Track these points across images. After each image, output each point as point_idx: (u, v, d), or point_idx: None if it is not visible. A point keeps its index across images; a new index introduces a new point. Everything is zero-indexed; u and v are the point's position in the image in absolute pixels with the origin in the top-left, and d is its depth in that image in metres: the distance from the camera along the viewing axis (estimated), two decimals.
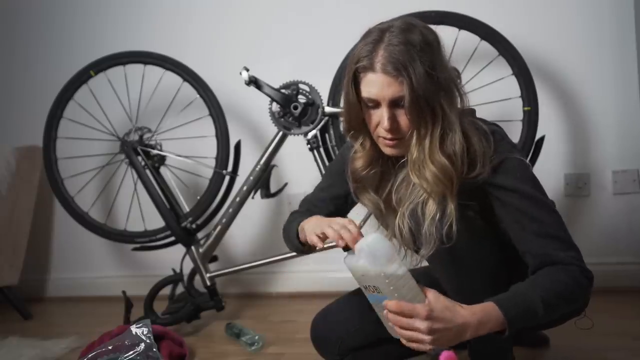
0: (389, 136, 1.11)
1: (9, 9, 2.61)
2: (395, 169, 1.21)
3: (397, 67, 1.05)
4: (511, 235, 1.12)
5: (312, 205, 1.37)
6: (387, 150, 1.15)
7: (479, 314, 1.00)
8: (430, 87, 1.06)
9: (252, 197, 2.02)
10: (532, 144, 1.76)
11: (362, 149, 1.20)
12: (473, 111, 1.21)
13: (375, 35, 1.09)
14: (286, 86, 1.93)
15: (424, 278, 1.28)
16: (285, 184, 2.07)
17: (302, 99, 1.91)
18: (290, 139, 1.98)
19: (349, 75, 1.12)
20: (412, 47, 1.06)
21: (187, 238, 2.04)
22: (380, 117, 1.11)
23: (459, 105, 1.12)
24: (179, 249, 2.06)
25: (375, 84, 1.08)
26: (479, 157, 1.10)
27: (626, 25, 1.91)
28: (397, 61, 1.05)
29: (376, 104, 1.10)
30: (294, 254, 2.04)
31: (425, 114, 1.07)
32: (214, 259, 2.11)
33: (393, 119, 1.09)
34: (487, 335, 1.20)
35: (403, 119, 1.10)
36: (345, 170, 1.27)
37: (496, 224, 1.15)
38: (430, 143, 1.09)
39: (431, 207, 1.11)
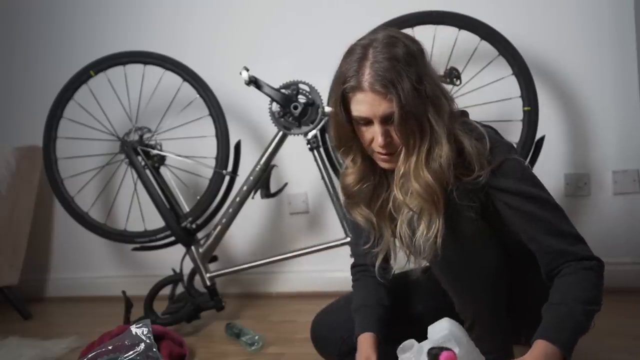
0: (385, 151, 1.12)
1: (9, 9, 2.61)
2: (389, 179, 1.21)
3: (385, 84, 1.05)
4: (522, 236, 1.13)
5: (360, 257, 1.36)
6: (385, 165, 1.16)
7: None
8: (418, 101, 1.06)
9: (252, 197, 2.02)
10: (532, 144, 1.76)
11: (353, 164, 1.21)
12: (465, 113, 1.21)
13: (359, 53, 1.10)
14: (286, 86, 1.93)
15: (427, 283, 1.29)
16: (285, 184, 2.07)
17: (302, 99, 1.91)
18: (290, 139, 1.98)
19: (337, 95, 1.12)
20: (397, 63, 1.06)
21: (187, 238, 2.04)
22: (373, 134, 1.11)
23: (447, 110, 1.11)
24: (179, 249, 2.06)
25: (365, 103, 1.08)
26: (474, 158, 1.10)
27: (626, 25, 1.91)
28: (384, 78, 1.05)
29: (368, 122, 1.11)
30: (294, 254, 2.06)
31: (413, 129, 1.07)
32: (214, 259, 2.11)
33: (387, 135, 1.10)
34: (483, 332, 1.20)
35: (395, 134, 1.10)
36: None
37: (498, 224, 1.15)
38: (417, 159, 1.09)
39: (424, 220, 1.11)
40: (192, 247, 2.05)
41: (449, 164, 1.08)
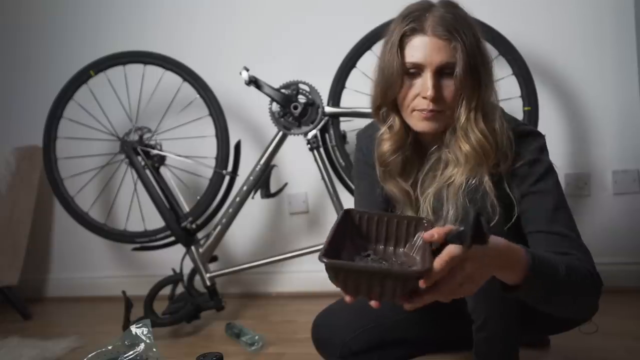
0: (430, 107, 1.06)
1: (9, 9, 2.61)
2: (418, 159, 1.17)
3: (450, 30, 1.02)
4: (528, 215, 1.09)
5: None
6: (421, 125, 1.10)
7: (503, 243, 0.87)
8: (480, 58, 1.04)
9: (252, 197, 2.02)
10: None
11: (389, 131, 1.15)
12: (501, 108, 1.18)
13: (419, 5, 1.07)
14: (286, 86, 1.93)
15: None
16: (285, 184, 2.07)
17: (302, 99, 1.91)
18: (290, 139, 1.98)
19: (394, 39, 1.06)
20: (462, 19, 1.05)
21: (187, 238, 2.04)
22: (421, 87, 1.06)
23: (494, 83, 1.10)
24: (179, 249, 2.06)
25: (423, 48, 1.04)
26: (508, 149, 1.09)
27: (626, 25, 1.91)
28: (450, 25, 1.02)
29: (418, 72, 1.06)
30: (294, 254, 2.06)
31: (473, 83, 1.05)
32: (214, 259, 2.11)
33: (437, 88, 1.05)
34: (493, 333, 1.16)
35: (447, 90, 1.06)
36: (368, 162, 1.23)
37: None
38: (476, 113, 1.06)
39: (457, 182, 1.08)
40: (192, 247, 2.05)
41: (502, 129, 1.07)
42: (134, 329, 1.34)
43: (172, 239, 2.08)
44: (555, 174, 1.13)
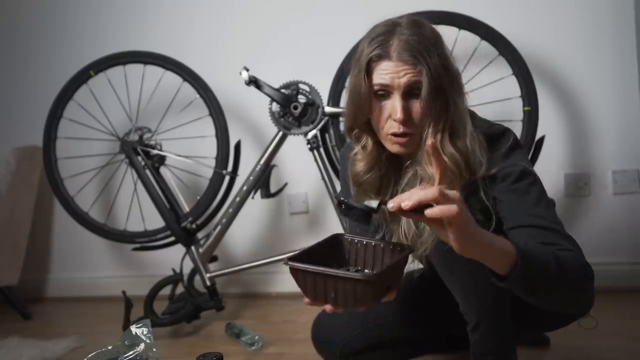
0: (401, 130, 1.07)
1: (9, 9, 2.61)
2: (394, 173, 1.18)
3: (415, 54, 1.03)
4: (507, 214, 1.08)
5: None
6: (396, 148, 1.11)
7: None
8: (445, 78, 1.05)
9: (252, 197, 2.02)
10: (532, 144, 1.76)
11: (363, 151, 1.17)
12: (473, 113, 1.19)
13: (384, 28, 1.08)
14: (286, 86, 1.93)
15: (428, 282, 1.29)
16: (285, 184, 2.08)
17: (302, 98, 1.91)
18: (290, 139, 1.98)
19: (361, 64, 1.08)
20: (426, 39, 1.05)
21: (187, 238, 2.04)
22: (391, 109, 1.07)
23: (465, 98, 1.10)
24: (179, 249, 2.06)
25: (390, 72, 1.05)
26: (482, 157, 1.08)
27: (626, 25, 1.91)
28: (414, 49, 1.03)
29: (387, 94, 1.07)
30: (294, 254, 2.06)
31: (441, 104, 1.05)
32: (214, 259, 2.11)
33: (406, 110, 1.06)
34: (486, 334, 1.17)
35: (416, 111, 1.07)
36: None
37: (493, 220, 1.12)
38: (442, 134, 1.07)
39: None
40: (192, 247, 2.05)
41: (474, 145, 1.07)
42: (134, 329, 1.34)
43: (172, 239, 2.08)
44: (531, 172, 1.10)
